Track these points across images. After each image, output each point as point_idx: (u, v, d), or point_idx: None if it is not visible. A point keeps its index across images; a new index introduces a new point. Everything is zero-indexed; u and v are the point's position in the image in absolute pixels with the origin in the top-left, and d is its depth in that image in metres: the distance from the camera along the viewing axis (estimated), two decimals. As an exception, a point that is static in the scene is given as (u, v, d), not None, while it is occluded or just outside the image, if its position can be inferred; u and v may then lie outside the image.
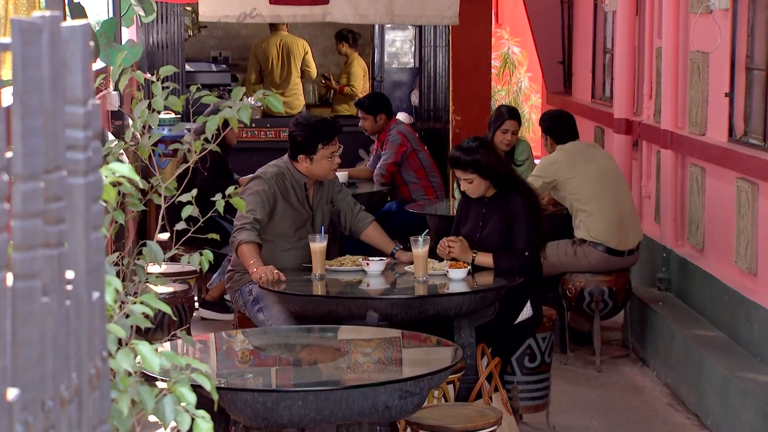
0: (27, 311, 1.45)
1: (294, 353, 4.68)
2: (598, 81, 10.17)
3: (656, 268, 7.78)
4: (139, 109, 3.61)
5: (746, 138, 6.57)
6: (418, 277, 5.45)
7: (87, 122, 1.62)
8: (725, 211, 6.69)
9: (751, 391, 5.51)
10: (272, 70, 12.34)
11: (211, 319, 8.37)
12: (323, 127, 5.90)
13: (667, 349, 6.83)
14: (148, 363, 2.25)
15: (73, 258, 1.60)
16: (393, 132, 8.60)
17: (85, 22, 1.62)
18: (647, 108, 8.32)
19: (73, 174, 1.61)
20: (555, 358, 6.54)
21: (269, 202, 5.78)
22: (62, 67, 1.58)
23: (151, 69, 10.93)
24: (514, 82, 13.66)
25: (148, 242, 3.45)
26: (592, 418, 6.21)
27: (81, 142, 1.61)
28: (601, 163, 7.14)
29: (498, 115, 7.92)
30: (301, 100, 12.50)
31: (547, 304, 7.11)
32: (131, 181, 3.57)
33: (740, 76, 6.69)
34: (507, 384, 5.77)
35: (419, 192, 8.61)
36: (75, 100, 1.61)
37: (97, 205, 1.72)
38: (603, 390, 6.72)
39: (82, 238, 1.62)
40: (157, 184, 3.76)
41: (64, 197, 1.56)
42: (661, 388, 6.74)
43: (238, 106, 3.69)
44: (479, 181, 5.71)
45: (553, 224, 7.18)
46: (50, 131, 1.52)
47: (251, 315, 5.75)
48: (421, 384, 4.08)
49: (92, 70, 1.65)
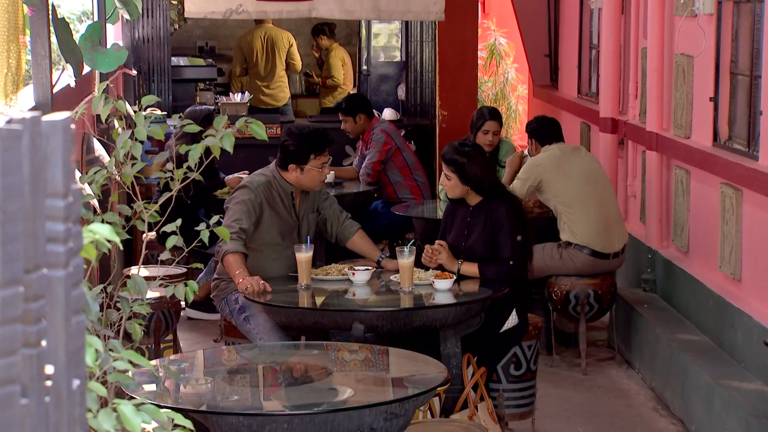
0: (6, 417, 1.46)
1: (280, 373, 4.69)
2: (584, 76, 10.18)
3: (642, 269, 7.80)
4: (121, 140, 3.61)
5: (730, 143, 6.59)
6: (403, 288, 5.47)
7: (67, 215, 1.63)
8: (710, 216, 6.72)
9: (735, 400, 5.54)
10: (257, 62, 12.33)
11: (197, 319, 8.38)
12: (316, 138, 5.91)
13: (652, 353, 6.86)
14: (129, 423, 2.25)
15: (53, 351, 1.61)
16: (376, 131, 8.61)
17: (66, 115, 1.62)
18: (633, 108, 8.33)
19: (53, 267, 1.61)
20: (541, 360, 6.58)
21: (255, 212, 5.79)
22: (43, 163, 1.59)
23: (137, 64, 10.91)
24: (501, 73, 13.66)
25: (132, 275, 3.46)
26: (577, 424, 6.24)
27: (61, 234, 1.62)
28: (585, 166, 7.16)
29: (479, 115, 7.96)
30: (286, 93, 12.49)
31: (533, 307, 7.15)
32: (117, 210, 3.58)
33: (725, 80, 6.71)
34: (492, 392, 5.80)
35: (405, 191, 8.62)
36: (55, 193, 1.61)
37: (77, 289, 1.73)
38: (589, 394, 6.76)
39: (62, 329, 1.63)
40: (140, 211, 3.77)
41: (45, 294, 1.56)
42: (646, 391, 6.77)
43: (221, 134, 3.70)
44: (456, 183, 5.75)
45: (539, 227, 7.21)
46: (30, 232, 1.52)
47: (237, 324, 5.77)
48: (406, 406, 4.10)
49: (73, 160, 1.65)
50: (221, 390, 4.39)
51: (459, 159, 5.73)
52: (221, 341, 6.15)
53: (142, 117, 3.63)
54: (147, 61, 11.12)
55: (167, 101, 11.15)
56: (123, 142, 3.60)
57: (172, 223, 3.68)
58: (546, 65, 11.55)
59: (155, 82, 11.08)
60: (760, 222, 5.96)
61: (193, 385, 4.55)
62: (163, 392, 4.24)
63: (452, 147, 5.83)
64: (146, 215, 3.71)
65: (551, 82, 11.47)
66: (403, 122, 10.44)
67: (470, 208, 5.82)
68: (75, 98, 6.58)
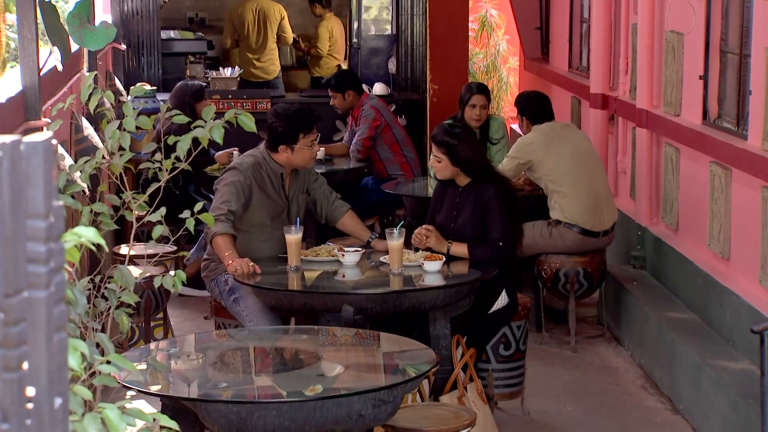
0: (-11, 443, 1.47)
1: (269, 359, 4.70)
2: (575, 50, 10.16)
3: (631, 246, 7.82)
4: (110, 130, 3.60)
5: (720, 121, 6.59)
6: (393, 270, 5.48)
7: (49, 235, 1.63)
8: (699, 194, 6.73)
9: (723, 381, 5.56)
10: (248, 35, 12.29)
11: (188, 296, 8.39)
12: (303, 117, 5.90)
13: (641, 331, 6.88)
14: (114, 428, 2.26)
15: (35, 372, 1.61)
16: (366, 107, 8.60)
17: (47, 135, 1.62)
18: (623, 84, 8.32)
19: (34, 288, 1.62)
20: (531, 337, 6.60)
21: (245, 193, 5.79)
22: (24, 184, 1.59)
23: (126, 38, 10.86)
24: (492, 45, 13.62)
25: (119, 266, 3.46)
26: (566, 403, 6.27)
27: (43, 255, 1.62)
28: (576, 144, 7.16)
29: (466, 90, 7.94)
30: (276, 65, 12.46)
31: (523, 285, 7.17)
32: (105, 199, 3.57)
33: (714, 58, 6.70)
34: (482, 372, 5.82)
35: (395, 167, 8.61)
36: (36, 214, 1.61)
37: (59, 306, 1.73)
38: (578, 372, 6.78)
39: (44, 349, 1.63)
40: (129, 201, 3.77)
41: (26, 317, 1.56)
42: (635, 369, 6.80)
43: (210, 125, 3.69)
44: (447, 165, 5.75)
45: (529, 205, 7.22)
46: (10, 256, 1.52)
47: (227, 305, 5.78)
48: (394, 392, 4.12)
49: (54, 180, 1.65)
50: (210, 377, 4.41)
51: (450, 141, 5.72)
52: (212, 318, 6.16)
53: (130, 107, 3.62)
54: (136, 35, 11.07)
55: (157, 75, 11.11)
56: (112, 132, 3.59)
57: (157, 212, 3.68)
58: (537, 38, 11.52)
59: (145, 55, 11.04)
60: (748, 201, 5.97)
61: (184, 360, 4.56)
62: (154, 371, 4.27)
63: (442, 128, 5.82)
64: (135, 205, 3.71)
65: (542, 55, 11.45)
66: (394, 97, 10.42)
67: (459, 189, 5.82)
68: (63, 77, 6.56)
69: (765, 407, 4.35)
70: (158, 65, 11.10)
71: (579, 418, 6.06)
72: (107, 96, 3.79)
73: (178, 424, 4.33)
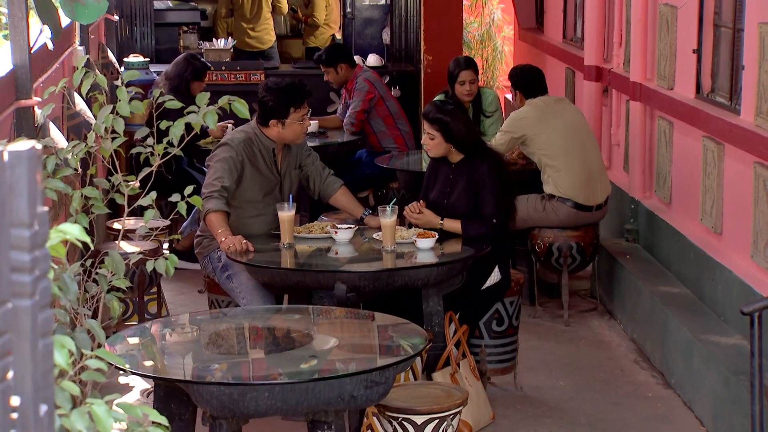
0: (-27, 456, 1.47)
1: (261, 339, 4.71)
2: (569, 21, 10.13)
3: (625, 219, 7.83)
4: (103, 114, 3.59)
5: (713, 96, 6.58)
6: (386, 247, 5.48)
7: (33, 244, 1.63)
8: (692, 168, 6.73)
9: (714, 356, 5.58)
10: (243, 4, 12.25)
11: (182, 269, 8.39)
12: (294, 91, 5.89)
13: (633, 305, 6.90)
14: (102, 424, 2.26)
15: (20, 381, 1.62)
16: (359, 80, 8.58)
17: (30, 144, 1.62)
18: (617, 56, 8.30)
19: (18, 296, 1.62)
20: (524, 311, 6.61)
21: (237, 169, 5.79)
22: (7, 194, 1.59)
23: (118, 8, 10.81)
24: (487, 13, 13.58)
25: (110, 252, 3.46)
26: (559, 378, 6.29)
27: (27, 264, 1.62)
28: (569, 119, 7.15)
29: (454, 65, 7.87)
30: (271, 35, 12.42)
31: (517, 259, 7.18)
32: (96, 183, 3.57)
33: (708, 32, 6.69)
34: (475, 348, 5.85)
35: (389, 140, 8.61)
36: (20, 223, 1.61)
37: (45, 312, 1.73)
38: (570, 346, 6.80)
39: (29, 357, 1.64)
40: (119, 184, 3.77)
41: (10, 328, 1.57)
42: (627, 343, 6.83)
43: (204, 111, 3.69)
44: (440, 142, 5.74)
45: (522, 179, 7.22)
46: (-6, 268, 1.52)
47: (220, 282, 5.79)
48: (386, 374, 4.13)
49: (40, 190, 1.65)
50: (203, 357, 4.42)
51: (443, 117, 5.71)
52: (205, 292, 6.16)
53: (124, 91, 3.61)
54: (129, 5, 11.03)
55: (150, 46, 11.08)
56: (105, 117, 3.59)
57: (147, 196, 3.68)
58: (532, 7, 11.48)
59: (137, 26, 11.00)
60: (740, 177, 5.97)
61: (179, 333, 4.58)
62: (148, 346, 4.29)
63: (434, 105, 5.82)
64: (126, 189, 3.71)
65: (537, 24, 11.41)
66: (388, 68, 10.40)
67: (452, 165, 5.82)
68: (54, 53, 6.53)
69: (754, 387, 4.37)
70: (151, 36, 11.07)
71: (571, 392, 6.09)
72: (99, 80, 3.77)
73: (171, 404, 4.37)
